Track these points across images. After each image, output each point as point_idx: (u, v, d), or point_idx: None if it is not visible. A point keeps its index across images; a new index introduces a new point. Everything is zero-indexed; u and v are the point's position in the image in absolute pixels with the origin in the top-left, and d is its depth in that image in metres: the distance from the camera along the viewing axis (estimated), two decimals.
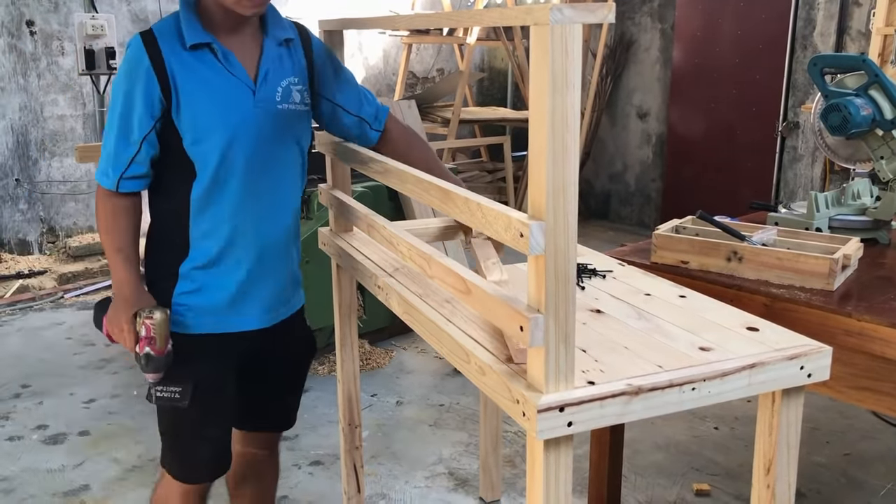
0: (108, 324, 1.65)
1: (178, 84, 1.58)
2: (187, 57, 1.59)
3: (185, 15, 1.62)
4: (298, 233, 1.81)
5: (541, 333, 1.11)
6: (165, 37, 1.60)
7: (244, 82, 1.63)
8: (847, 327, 1.72)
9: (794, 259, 1.89)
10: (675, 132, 6.53)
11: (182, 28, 1.60)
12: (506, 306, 1.17)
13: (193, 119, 1.59)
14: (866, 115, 2.20)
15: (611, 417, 1.18)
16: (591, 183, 7.32)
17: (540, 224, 1.08)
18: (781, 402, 1.32)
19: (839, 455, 2.95)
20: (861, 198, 2.39)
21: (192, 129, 1.59)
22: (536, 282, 1.12)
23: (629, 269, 1.74)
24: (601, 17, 1.07)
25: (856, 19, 5.29)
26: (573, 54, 1.04)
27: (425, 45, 7.39)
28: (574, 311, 1.12)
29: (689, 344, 1.34)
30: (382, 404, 3.38)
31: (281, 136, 1.68)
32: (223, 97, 1.61)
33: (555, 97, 1.05)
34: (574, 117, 1.07)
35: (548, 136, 1.05)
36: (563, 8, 1.03)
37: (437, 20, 1.52)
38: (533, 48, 1.06)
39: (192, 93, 1.58)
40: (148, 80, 1.57)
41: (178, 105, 1.58)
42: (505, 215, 1.15)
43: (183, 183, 1.63)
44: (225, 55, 1.62)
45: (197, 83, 1.59)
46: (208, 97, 1.60)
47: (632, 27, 6.76)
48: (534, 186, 1.09)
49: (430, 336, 1.48)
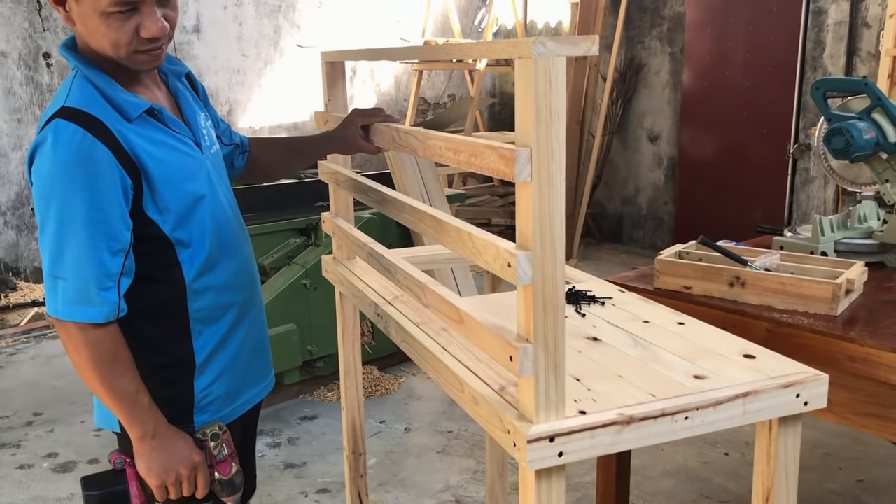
0: (161, 475, 1.38)
1: (146, 167, 1.34)
2: (136, 131, 1.35)
3: (98, 77, 1.34)
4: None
5: (530, 363, 1.11)
6: (101, 112, 1.31)
7: (189, 138, 1.45)
8: (851, 353, 1.70)
9: (797, 284, 1.88)
10: (686, 155, 6.52)
11: (109, 95, 1.33)
12: (495, 336, 1.16)
13: (171, 201, 1.38)
14: (869, 138, 2.19)
15: (602, 447, 1.17)
16: (603, 206, 7.31)
17: (527, 254, 1.08)
18: (778, 431, 1.31)
19: (852, 482, 2.91)
20: (868, 221, 2.38)
21: (171, 211, 1.38)
22: (525, 311, 1.12)
23: (629, 296, 1.74)
24: (585, 50, 1.08)
25: (865, 41, 5.28)
26: (557, 87, 1.05)
27: (436, 71, 7.44)
28: (563, 340, 1.12)
29: (684, 372, 1.33)
30: (391, 431, 3.37)
31: (225, 183, 1.57)
32: (186, 165, 1.42)
33: (539, 129, 1.05)
34: (559, 148, 1.07)
35: (533, 167, 1.06)
36: (546, 41, 1.04)
37: (429, 53, 1.54)
38: (518, 81, 1.07)
39: (162, 172, 1.36)
40: (112, 171, 1.29)
41: (153, 190, 1.35)
42: (493, 245, 1.15)
43: (167, 269, 1.42)
44: (166, 115, 1.42)
45: (161, 159, 1.37)
46: (177, 171, 1.39)
47: (641, 51, 6.78)
48: (520, 216, 1.10)
49: (427, 365, 1.48)
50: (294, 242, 3.76)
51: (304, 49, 6.66)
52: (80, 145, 1.27)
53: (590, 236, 7.22)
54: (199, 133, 1.49)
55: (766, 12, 5.77)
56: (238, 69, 6.40)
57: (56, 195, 1.28)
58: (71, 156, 1.26)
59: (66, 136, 1.27)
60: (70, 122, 1.28)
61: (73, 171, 1.26)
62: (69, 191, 1.27)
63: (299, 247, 3.74)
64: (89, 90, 1.33)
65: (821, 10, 5.47)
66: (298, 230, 3.76)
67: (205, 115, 1.56)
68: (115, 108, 1.33)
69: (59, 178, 1.27)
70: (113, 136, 1.29)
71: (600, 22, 6.57)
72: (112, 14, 1.29)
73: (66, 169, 1.26)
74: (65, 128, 1.27)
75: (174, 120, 1.43)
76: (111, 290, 1.32)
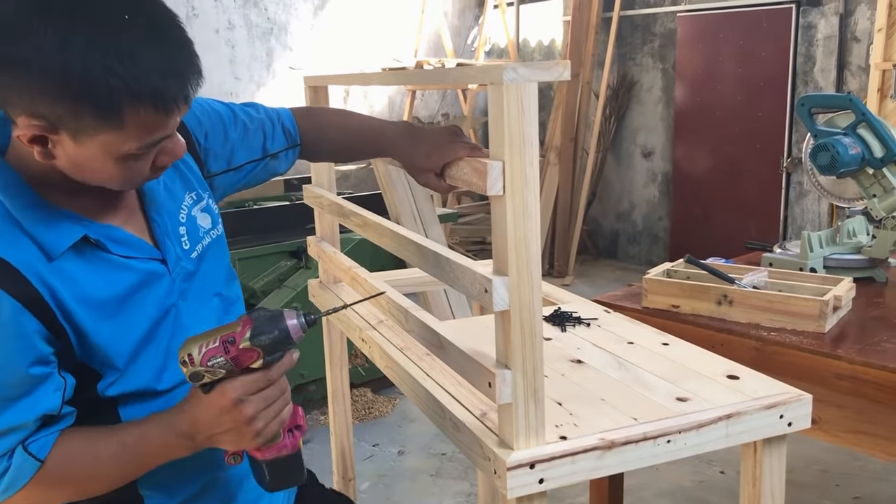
0: (230, 434, 1.07)
1: (73, 317, 1.04)
2: (62, 269, 1.04)
3: (15, 199, 1.03)
4: None
5: (508, 389, 1.10)
6: (11, 249, 1.01)
7: (149, 258, 1.15)
8: (838, 370, 1.69)
9: (784, 301, 1.87)
10: (680, 170, 6.53)
11: (25, 225, 1.02)
12: (474, 362, 1.16)
13: (108, 353, 1.08)
14: (855, 153, 2.19)
15: (583, 473, 1.16)
16: (598, 222, 7.32)
17: (503, 279, 1.07)
18: (763, 452, 1.29)
19: (849, 499, 2.89)
20: (857, 236, 2.37)
21: (109, 364, 1.09)
22: (503, 337, 1.11)
23: (615, 316, 1.73)
24: (556, 75, 1.08)
25: (855, 55, 5.30)
26: (529, 112, 1.05)
27: (430, 90, 7.47)
28: (542, 365, 1.11)
29: (667, 394, 1.32)
30: (384, 454, 3.35)
31: (204, 293, 1.25)
32: (138, 299, 1.12)
33: (512, 154, 1.05)
34: (533, 173, 1.07)
35: (507, 192, 1.05)
36: (517, 67, 1.04)
37: (405, 78, 1.54)
38: (490, 107, 1.07)
39: (97, 319, 1.07)
40: (21, 328, 0.99)
41: (83, 344, 1.06)
42: (470, 270, 1.15)
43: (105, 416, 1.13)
44: (112, 238, 1.11)
45: (98, 302, 1.07)
46: (124, 310, 1.10)
47: (633, 67, 6.81)
48: (496, 238, 1.09)
49: (409, 391, 1.47)
50: (285, 265, 3.75)
51: (296, 71, 6.68)
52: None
53: (586, 253, 7.21)
54: (173, 240, 1.20)
55: (757, 28, 5.80)
56: (230, 91, 6.43)
57: None
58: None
59: None
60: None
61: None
62: None
63: (290, 270, 3.74)
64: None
65: (810, 24, 5.50)
66: (289, 253, 3.75)
67: (192, 193, 1.26)
68: (28, 238, 1.02)
69: None
70: (21, 280, 1.00)
71: (592, 39, 6.61)
72: (132, 156, 1.04)
73: None
74: None
75: (128, 239, 1.13)
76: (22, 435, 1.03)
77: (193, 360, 1.03)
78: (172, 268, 1.18)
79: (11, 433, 1.03)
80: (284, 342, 1.05)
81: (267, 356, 1.05)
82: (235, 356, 1.03)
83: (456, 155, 1.19)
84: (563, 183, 6.64)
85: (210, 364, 1.03)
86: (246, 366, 1.05)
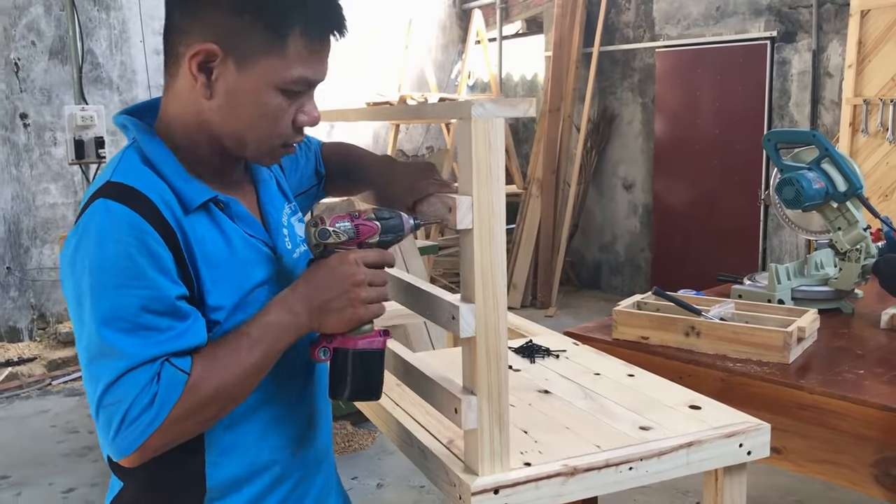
0: (337, 313, 1.11)
1: (198, 269, 1.10)
2: (193, 223, 1.11)
3: (161, 154, 1.12)
4: None
5: (474, 415, 1.13)
6: (155, 193, 1.08)
7: (261, 241, 1.20)
8: (800, 401, 1.73)
9: (750, 333, 1.91)
10: (661, 202, 6.62)
11: (168, 177, 1.10)
12: (440, 388, 1.19)
13: (209, 315, 1.12)
14: (819, 188, 2.25)
15: (547, 499, 1.18)
16: (581, 254, 7.38)
17: (470, 306, 1.11)
18: (724, 480, 1.33)
19: None
20: (824, 268, 2.42)
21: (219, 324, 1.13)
22: (469, 363, 1.14)
23: (583, 349, 1.77)
24: (522, 112, 1.12)
25: (828, 89, 5.42)
26: (496, 146, 1.09)
27: (414, 124, 7.55)
28: (507, 391, 1.14)
29: (631, 423, 1.35)
30: (363, 487, 3.35)
31: None
32: (249, 274, 1.16)
33: (480, 187, 1.09)
34: (500, 205, 1.11)
35: (475, 224, 1.09)
36: (485, 103, 1.09)
37: (377, 115, 1.59)
38: (458, 142, 1.12)
39: (212, 280, 1.11)
40: (164, 262, 1.05)
41: (202, 296, 1.11)
42: (439, 298, 1.19)
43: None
44: (236, 213, 1.18)
45: (217, 263, 1.12)
46: (236, 275, 1.14)
47: (614, 101, 6.92)
48: (464, 270, 1.13)
49: (378, 419, 1.50)
50: None
51: None
52: (123, 221, 1.04)
53: (569, 284, 7.27)
54: (279, 234, 1.24)
55: (733, 63, 5.93)
56: None
57: (85, 272, 1.04)
58: (111, 233, 1.03)
59: (107, 215, 1.04)
60: (117, 203, 1.04)
61: (116, 265, 1.03)
62: (106, 266, 1.03)
63: None
64: (138, 165, 1.11)
65: (785, 60, 5.63)
66: None
67: (292, 205, 1.32)
68: (170, 190, 1.10)
69: (98, 276, 1.03)
70: (163, 222, 1.06)
71: (573, 74, 6.72)
72: (287, 92, 1.11)
73: (95, 246, 1.03)
74: (104, 208, 1.04)
75: (247, 217, 1.19)
76: (164, 342, 1.05)
77: (324, 221, 1.13)
78: (279, 259, 1.22)
79: (160, 361, 1.04)
80: (397, 230, 1.17)
81: (383, 235, 1.16)
82: (358, 225, 1.15)
83: (427, 191, 1.24)
84: (545, 215, 6.71)
85: (337, 226, 1.13)
86: (364, 239, 1.15)
